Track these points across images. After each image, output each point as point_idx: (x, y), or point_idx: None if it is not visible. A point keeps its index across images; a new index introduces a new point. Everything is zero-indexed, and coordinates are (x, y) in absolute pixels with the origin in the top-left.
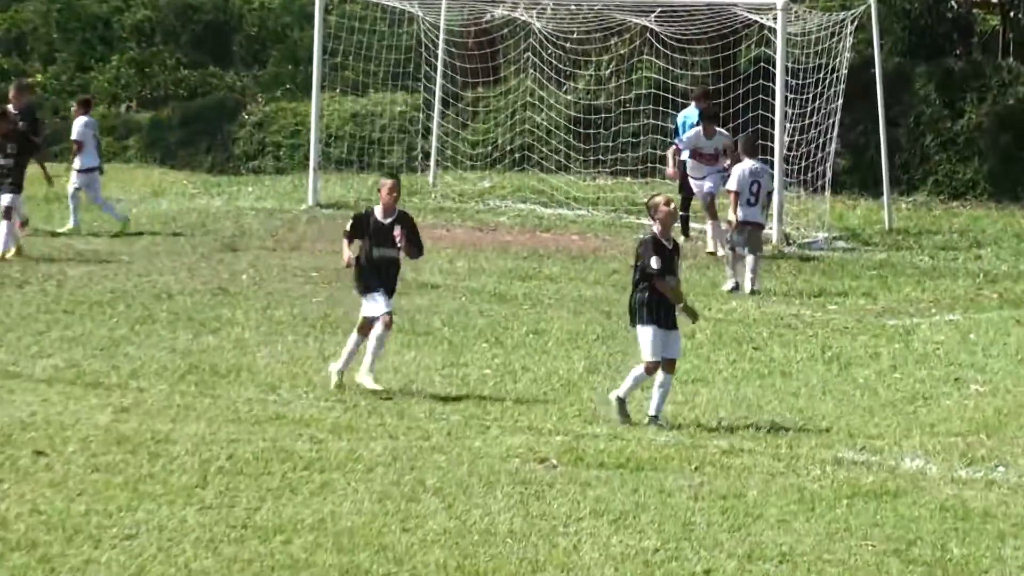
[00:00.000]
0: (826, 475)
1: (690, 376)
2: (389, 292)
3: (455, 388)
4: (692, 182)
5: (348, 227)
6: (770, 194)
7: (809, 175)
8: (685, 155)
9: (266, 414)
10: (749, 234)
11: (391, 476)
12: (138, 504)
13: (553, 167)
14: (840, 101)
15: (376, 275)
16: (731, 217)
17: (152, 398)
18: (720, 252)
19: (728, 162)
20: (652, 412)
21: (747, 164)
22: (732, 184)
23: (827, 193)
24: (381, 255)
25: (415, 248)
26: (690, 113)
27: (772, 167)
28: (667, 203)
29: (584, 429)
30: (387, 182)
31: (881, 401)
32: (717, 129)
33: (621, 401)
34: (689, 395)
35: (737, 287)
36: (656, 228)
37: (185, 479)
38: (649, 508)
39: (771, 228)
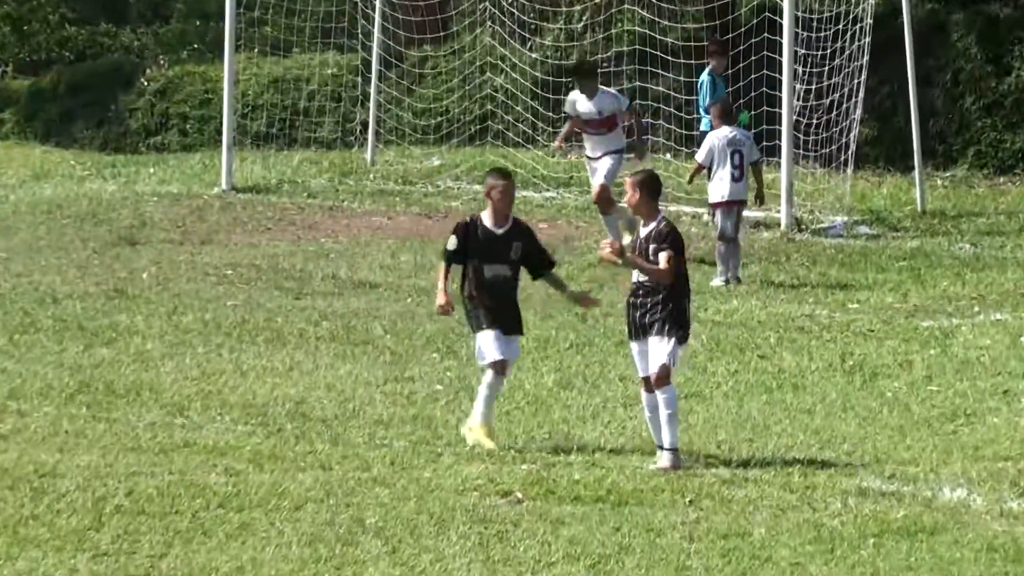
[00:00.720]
0: (848, 509)
1: (683, 391)
2: (508, 327)
3: (400, 408)
4: (587, 165)
5: (450, 244)
6: (752, 165)
7: (826, 148)
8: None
9: (172, 441)
10: (738, 214)
11: (323, 514)
12: (19, 551)
13: (517, 140)
14: (865, 58)
15: (489, 302)
16: (688, 187)
17: (35, 423)
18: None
19: (625, 134)
20: (666, 445)
21: (723, 132)
22: (701, 155)
23: (848, 169)
24: (494, 275)
25: (540, 268)
26: (717, 78)
27: (780, 137)
28: (633, 184)
29: (555, 456)
30: (499, 183)
31: (914, 419)
32: (601, 87)
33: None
34: (682, 413)
35: (728, 281)
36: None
37: (75, 521)
38: (634, 550)
39: (779, 211)
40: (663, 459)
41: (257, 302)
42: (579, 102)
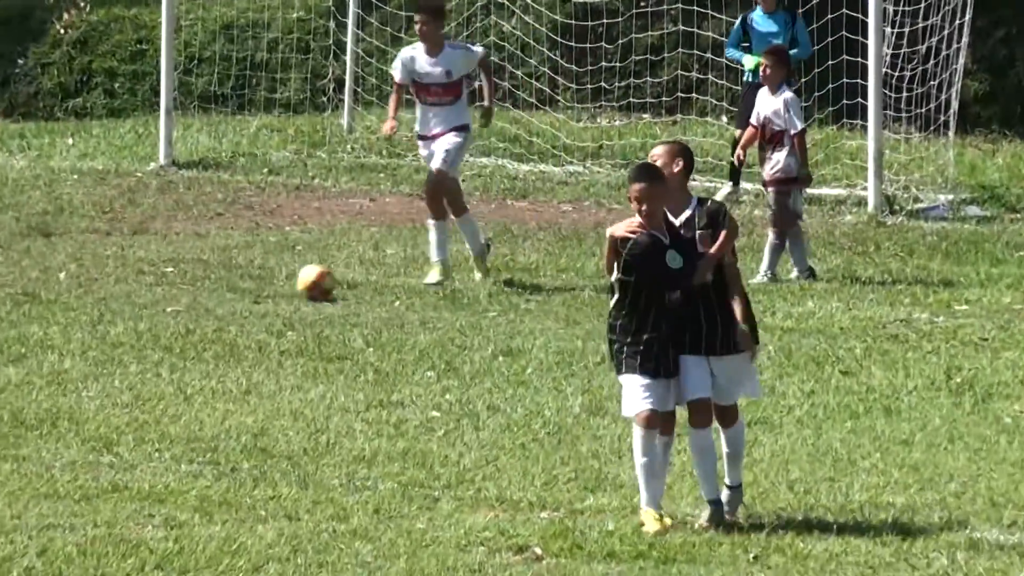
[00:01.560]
0: (956, 567)
1: (745, 417)
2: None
3: (386, 440)
4: (420, 146)
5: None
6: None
7: (923, 106)
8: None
9: (98, 485)
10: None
11: None
12: None
13: (531, 100)
14: None
15: (650, 335)
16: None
17: None
18: (435, 279)
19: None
20: (729, 481)
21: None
22: (801, 119)
23: (951, 134)
24: (671, 298)
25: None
26: (757, 18)
27: (865, 94)
28: (672, 152)
29: (582, 501)
30: (630, 187)
31: None
32: (449, 42)
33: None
34: (745, 445)
35: (812, 273)
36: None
37: None
38: None
39: (865, 188)
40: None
41: (205, 307)
42: (417, 60)
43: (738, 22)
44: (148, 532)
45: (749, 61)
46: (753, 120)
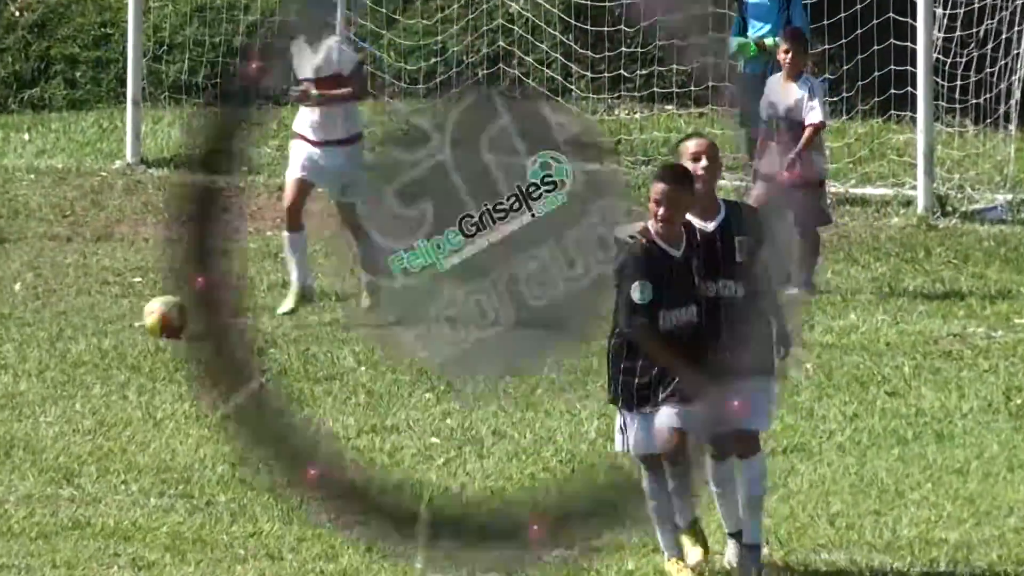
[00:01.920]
0: None
1: (781, 443)
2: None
3: (380, 469)
4: (297, 144)
5: (637, 294)
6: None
7: (979, 96)
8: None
9: (57, 522)
10: None
11: None
12: None
13: (542, 90)
14: None
15: (656, 368)
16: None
17: None
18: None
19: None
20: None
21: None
22: (821, 112)
23: (1012, 127)
24: (676, 322)
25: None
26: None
27: (914, 83)
28: (710, 149)
29: (598, 536)
30: (654, 186)
31: None
32: (341, 47)
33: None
34: (780, 474)
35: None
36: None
37: None
38: None
39: (914, 187)
40: (730, 550)
41: None
42: (302, 53)
43: (736, 16)
44: (114, 573)
45: (732, 43)
46: (764, 115)
